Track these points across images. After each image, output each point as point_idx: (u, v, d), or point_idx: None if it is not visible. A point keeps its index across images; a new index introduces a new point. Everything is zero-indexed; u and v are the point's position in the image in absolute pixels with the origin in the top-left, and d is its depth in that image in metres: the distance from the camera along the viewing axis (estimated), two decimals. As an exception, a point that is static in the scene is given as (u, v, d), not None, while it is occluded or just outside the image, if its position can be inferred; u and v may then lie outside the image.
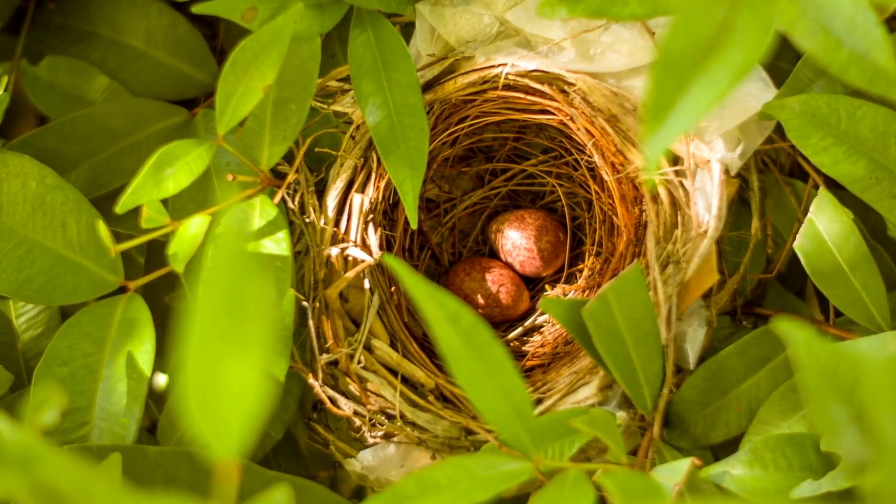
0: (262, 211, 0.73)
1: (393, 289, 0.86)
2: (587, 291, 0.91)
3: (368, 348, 0.80)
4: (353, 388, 0.79)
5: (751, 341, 0.74)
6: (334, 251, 0.80)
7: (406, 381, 0.80)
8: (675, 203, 0.77)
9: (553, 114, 0.83)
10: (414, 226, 0.77)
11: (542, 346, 0.90)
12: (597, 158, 0.83)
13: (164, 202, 0.71)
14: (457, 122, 0.86)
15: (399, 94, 0.77)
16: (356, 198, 0.82)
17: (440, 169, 0.94)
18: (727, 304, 0.79)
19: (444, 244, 0.98)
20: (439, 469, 0.55)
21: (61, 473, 0.35)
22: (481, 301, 0.92)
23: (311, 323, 0.79)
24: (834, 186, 0.74)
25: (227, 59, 0.69)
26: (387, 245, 0.88)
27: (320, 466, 0.95)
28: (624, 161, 0.80)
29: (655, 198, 0.78)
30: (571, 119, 0.81)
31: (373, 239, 0.82)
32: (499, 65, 0.80)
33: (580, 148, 0.87)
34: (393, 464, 0.78)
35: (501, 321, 0.94)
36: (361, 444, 0.80)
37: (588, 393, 0.76)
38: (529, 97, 0.82)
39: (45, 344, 0.77)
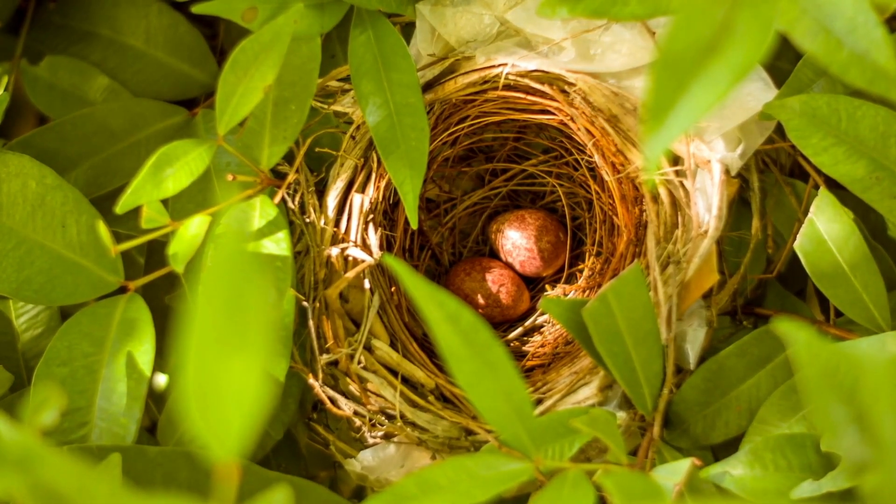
0: (262, 211, 0.73)
1: (393, 289, 0.86)
2: (587, 291, 0.91)
3: (368, 348, 0.80)
4: (353, 388, 0.79)
5: (751, 341, 0.74)
6: (334, 251, 0.80)
7: (406, 381, 0.80)
8: (675, 203, 0.77)
9: (553, 114, 0.83)
10: (414, 226, 0.77)
11: (542, 346, 0.90)
12: (597, 158, 0.83)
13: (164, 202, 0.71)
14: (457, 122, 0.86)
15: (399, 94, 0.77)
16: (356, 198, 0.82)
17: (440, 169, 0.94)
18: (727, 304, 0.79)
19: (444, 244, 0.98)
20: (439, 469, 0.55)
21: (61, 474, 0.35)
22: (481, 301, 0.92)
23: (311, 323, 0.79)
24: (834, 186, 0.74)
25: (227, 59, 0.69)
26: (387, 245, 0.88)
27: (320, 466, 0.95)
28: (624, 161, 0.80)
29: (656, 198, 0.78)
30: (572, 119, 0.81)
31: (373, 239, 0.82)
32: (499, 65, 0.80)
33: (580, 148, 0.87)
34: (393, 464, 0.78)
35: (501, 321, 0.94)
36: (361, 445, 0.80)
37: (588, 393, 0.76)
38: (530, 97, 0.82)
39: (45, 344, 0.77)
